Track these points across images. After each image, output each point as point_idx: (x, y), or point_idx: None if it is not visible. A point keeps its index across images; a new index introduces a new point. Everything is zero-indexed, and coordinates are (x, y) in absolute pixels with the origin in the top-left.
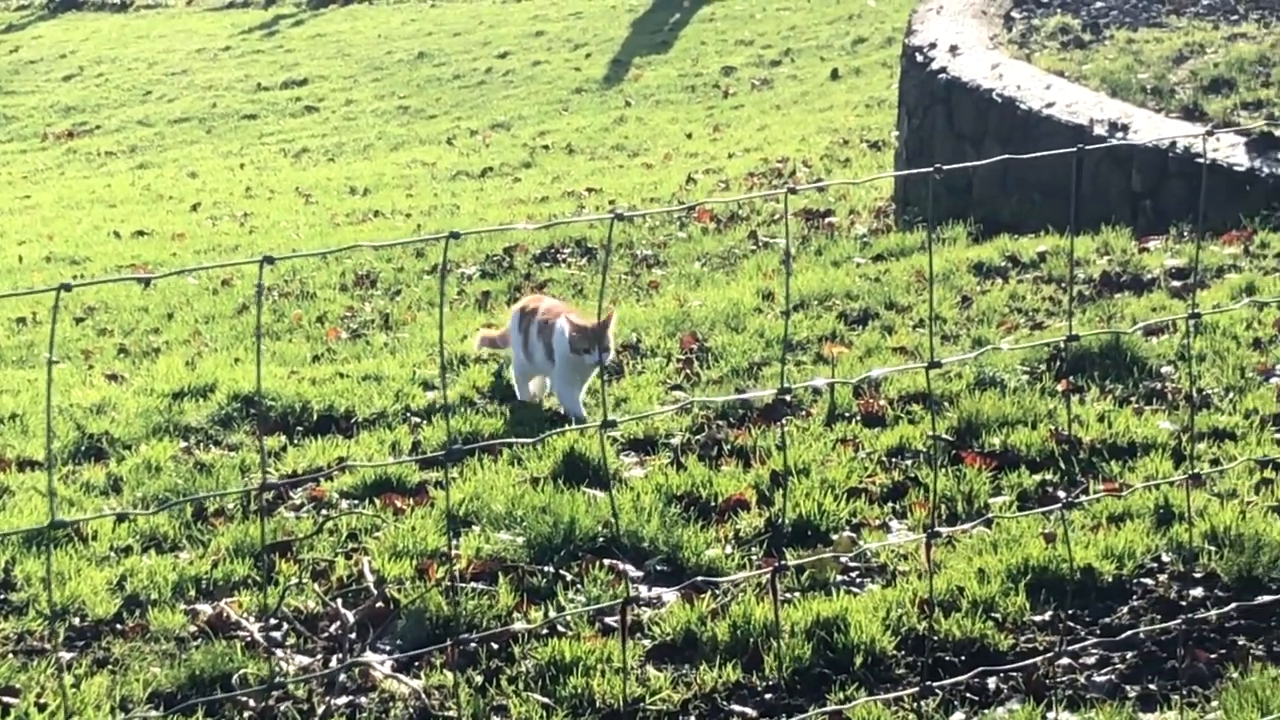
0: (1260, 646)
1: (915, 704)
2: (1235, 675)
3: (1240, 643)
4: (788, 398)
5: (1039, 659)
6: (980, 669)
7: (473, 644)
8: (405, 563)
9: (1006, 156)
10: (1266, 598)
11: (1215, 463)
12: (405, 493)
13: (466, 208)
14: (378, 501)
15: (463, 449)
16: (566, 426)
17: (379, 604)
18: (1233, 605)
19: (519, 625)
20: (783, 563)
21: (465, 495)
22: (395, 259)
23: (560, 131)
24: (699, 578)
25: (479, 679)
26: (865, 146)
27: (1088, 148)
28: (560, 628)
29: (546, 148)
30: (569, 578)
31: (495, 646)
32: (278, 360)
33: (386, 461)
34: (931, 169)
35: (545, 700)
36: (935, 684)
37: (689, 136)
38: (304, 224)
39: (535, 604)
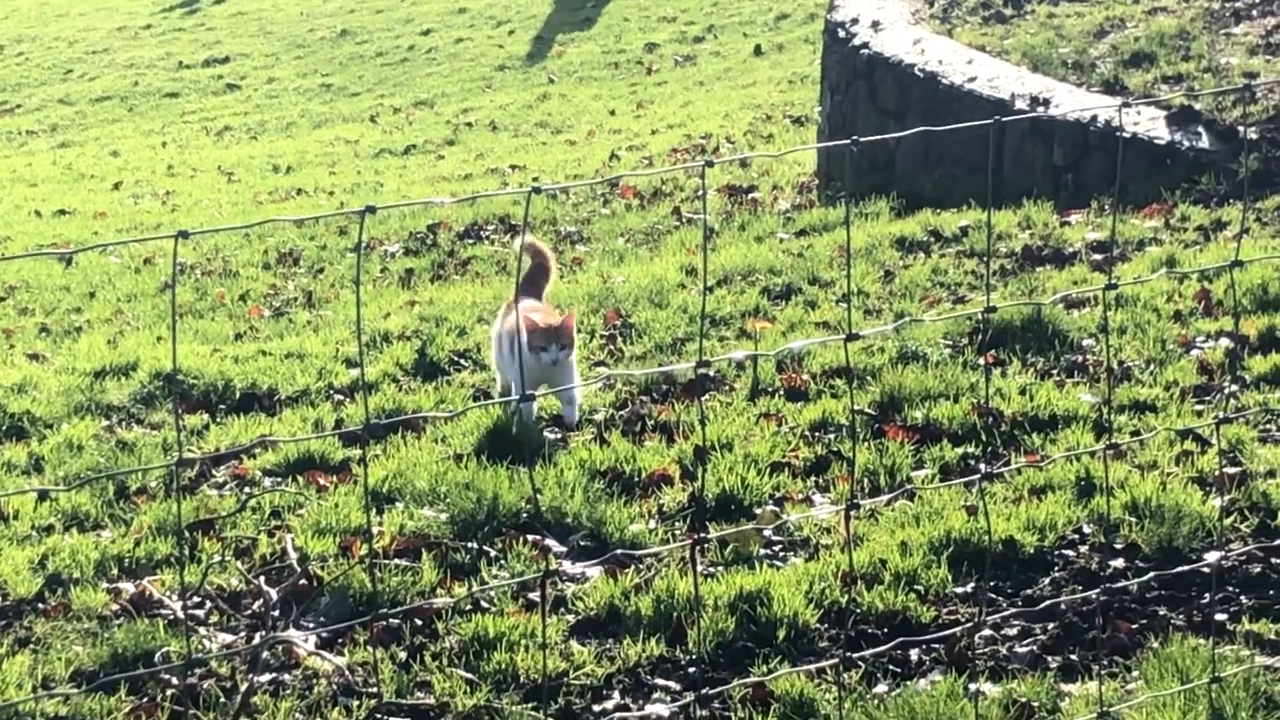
0: (1180, 616)
1: (838, 676)
2: (1156, 645)
3: (1161, 613)
4: (711, 372)
5: (961, 630)
6: (900, 640)
7: (396, 620)
8: (328, 540)
9: (924, 129)
10: (1186, 568)
11: (1136, 434)
12: (328, 470)
13: (390, 185)
14: (301, 479)
15: (381, 424)
16: (486, 401)
17: (302, 581)
18: (1151, 575)
19: (442, 600)
20: (702, 535)
21: (388, 472)
22: (318, 236)
23: (484, 109)
24: (619, 551)
25: (402, 655)
26: (788, 122)
27: (1006, 119)
28: (484, 604)
29: (470, 125)
30: (493, 554)
31: (419, 623)
32: (200, 338)
33: (304, 436)
34: (849, 141)
35: (469, 676)
36: (854, 655)
37: (612, 113)
38: (226, 202)
39: (459, 580)
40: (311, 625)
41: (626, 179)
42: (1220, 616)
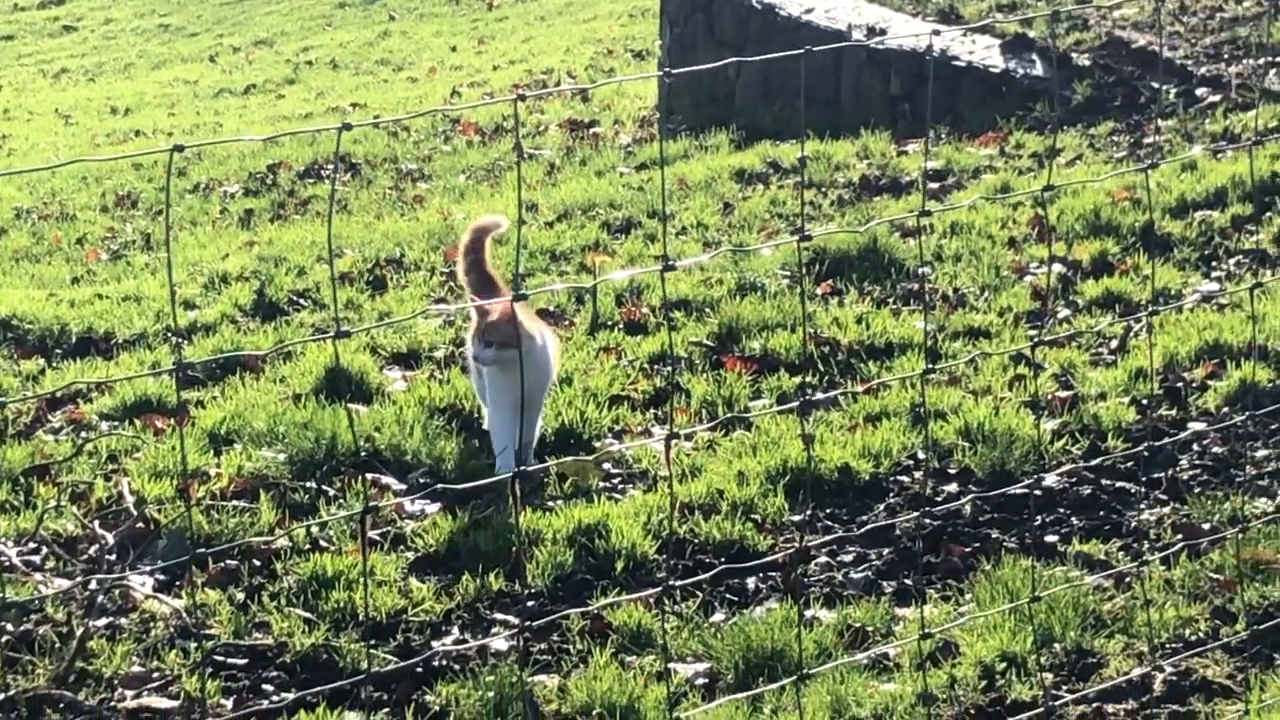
0: (1012, 539)
1: (670, 605)
2: (988, 567)
3: (993, 536)
4: (552, 307)
5: (795, 556)
6: (723, 567)
7: (234, 561)
8: (165, 483)
9: (734, 60)
10: (1017, 489)
11: (964, 360)
12: (165, 413)
13: (229, 125)
14: (138, 422)
15: (191, 362)
16: (316, 337)
17: (139, 525)
18: (973, 497)
19: (280, 540)
20: (521, 468)
21: (226, 414)
22: (156, 179)
23: (324, 47)
24: (440, 486)
25: (240, 596)
26: (630, 56)
27: (817, 50)
28: (322, 543)
29: (310, 63)
30: (331, 493)
31: (257, 563)
32: (36, 283)
33: (114, 378)
34: (661, 73)
35: (307, 615)
36: (680, 584)
37: (453, 49)
38: (63, 145)
39: (298, 520)
40: (149, 568)
41: (465, 116)
42: (1051, 538)
